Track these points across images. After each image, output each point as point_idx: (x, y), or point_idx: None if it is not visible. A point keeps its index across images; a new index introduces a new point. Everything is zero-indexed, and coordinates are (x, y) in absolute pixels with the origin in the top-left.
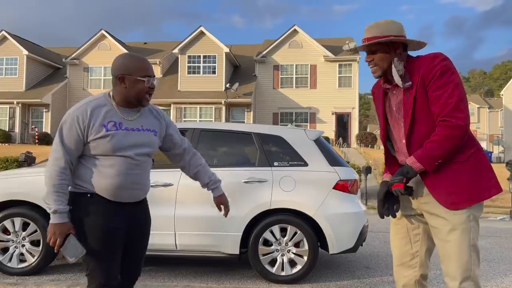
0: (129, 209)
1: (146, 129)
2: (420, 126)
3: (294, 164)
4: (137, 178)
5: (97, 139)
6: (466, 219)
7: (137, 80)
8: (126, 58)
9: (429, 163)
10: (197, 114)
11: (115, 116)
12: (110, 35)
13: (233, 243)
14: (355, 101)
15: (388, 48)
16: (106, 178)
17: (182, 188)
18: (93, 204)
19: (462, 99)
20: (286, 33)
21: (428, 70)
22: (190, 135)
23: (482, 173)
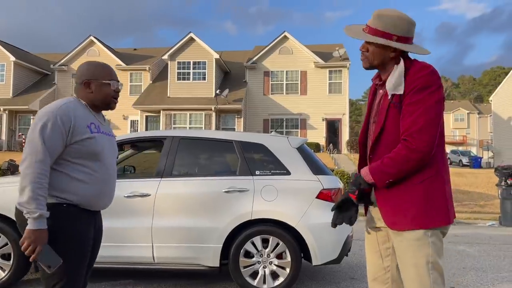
0: (96, 218)
1: (112, 135)
2: (388, 136)
3: (277, 172)
4: (112, 185)
5: (81, 141)
6: (423, 235)
7: (103, 84)
8: (90, 64)
9: (380, 179)
10: (187, 120)
11: (93, 119)
12: (99, 41)
13: (213, 255)
14: (345, 107)
15: (385, 47)
16: (85, 186)
17: (160, 198)
18: (70, 214)
19: (433, 122)
20: (276, 40)
21: (410, 81)
22: (169, 144)
23: (431, 200)
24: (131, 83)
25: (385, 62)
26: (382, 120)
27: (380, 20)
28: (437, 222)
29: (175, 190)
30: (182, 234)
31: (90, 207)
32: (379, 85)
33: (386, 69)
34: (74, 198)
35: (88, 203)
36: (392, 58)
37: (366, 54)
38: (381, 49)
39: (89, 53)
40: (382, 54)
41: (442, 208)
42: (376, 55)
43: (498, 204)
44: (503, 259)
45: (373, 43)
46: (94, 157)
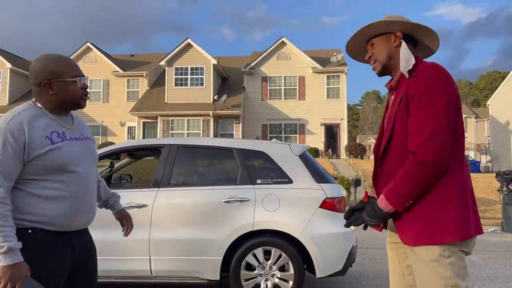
0: (75, 239)
1: (86, 138)
2: (395, 146)
3: (278, 181)
4: (91, 198)
5: (42, 155)
6: (439, 256)
7: (67, 83)
8: (48, 60)
9: (398, 203)
10: (184, 126)
11: (56, 126)
12: (96, 47)
13: (213, 268)
14: (343, 112)
15: (386, 38)
16: (55, 204)
17: (157, 209)
18: (35, 242)
19: (441, 129)
20: (274, 45)
21: (414, 82)
22: (167, 152)
23: (439, 211)
24: (128, 89)
25: (392, 54)
26: (391, 126)
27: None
28: (450, 237)
29: (173, 200)
30: (180, 246)
31: (64, 227)
32: (390, 91)
33: (396, 66)
34: (42, 219)
35: (60, 223)
36: (397, 47)
37: (373, 58)
38: (383, 42)
39: (85, 59)
40: (386, 46)
41: (456, 220)
42: (381, 50)
43: (499, 209)
44: (509, 268)
45: (374, 44)
46: (62, 169)
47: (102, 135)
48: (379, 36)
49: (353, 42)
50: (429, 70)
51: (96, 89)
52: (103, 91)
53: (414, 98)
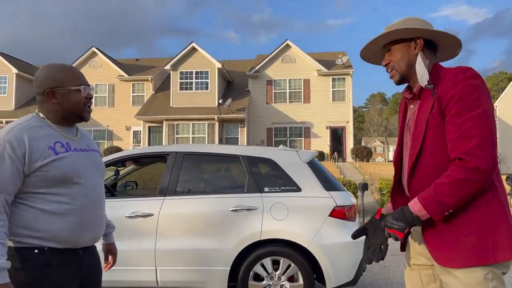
0: (83, 256)
1: (92, 149)
2: (427, 158)
3: (286, 189)
4: (98, 212)
5: (45, 165)
6: (483, 280)
7: (71, 91)
8: (52, 68)
9: (437, 211)
10: (189, 130)
11: (59, 136)
12: (101, 52)
13: (221, 278)
14: (349, 115)
15: (406, 45)
16: (61, 218)
17: (163, 219)
18: (42, 263)
19: (489, 133)
20: (278, 48)
21: (448, 88)
22: (173, 160)
23: (490, 228)
24: (134, 94)
25: (412, 63)
26: (421, 138)
27: (395, 25)
28: (500, 255)
29: (179, 209)
30: (187, 256)
31: (71, 244)
32: (410, 99)
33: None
34: (48, 236)
35: (67, 239)
36: (417, 54)
37: (391, 65)
38: (403, 49)
39: (91, 64)
40: (406, 54)
41: (505, 238)
42: (399, 59)
43: None
44: None
45: (392, 50)
46: (67, 181)
47: (107, 139)
48: (398, 42)
49: (369, 48)
50: (465, 73)
51: (101, 93)
52: (109, 95)
53: (452, 101)
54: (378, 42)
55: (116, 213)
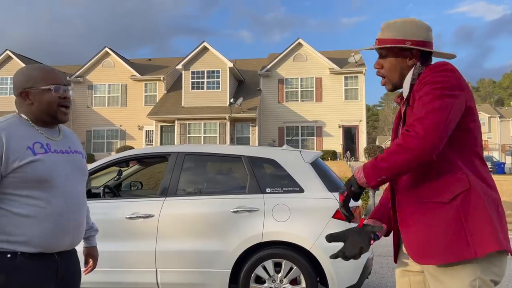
0: (60, 262)
1: (74, 151)
2: None
3: (289, 190)
4: (77, 216)
5: (22, 166)
6: (469, 285)
7: (43, 91)
8: (26, 70)
9: (371, 174)
10: (201, 129)
11: (39, 136)
12: (114, 52)
13: (222, 280)
14: (362, 114)
15: (401, 57)
16: (36, 222)
17: (164, 220)
18: (14, 268)
19: (436, 111)
20: (290, 47)
21: (421, 78)
22: (174, 160)
23: (468, 222)
24: (146, 93)
25: (404, 73)
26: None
27: (389, 29)
28: (479, 250)
29: (180, 210)
30: (187, 258)
31: (46, 249)
32: (400, 102)
33: None
34: (22, 239)
35: (43, 245)
36: (411, 65)
37: (382, 72)
38: (397, 61)
39: (104, 64)
40: (399, 65)
41: (487, 230)
42: (393, 69)
43: None
44: None
45: (387, 57)
46: (43, 184)
47: (120, 139)
48: (393, 52)
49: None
50: (439, 67)
51: (114, 93)
52: (121, 95)
53: (421, 88)
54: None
55: (116, 214)
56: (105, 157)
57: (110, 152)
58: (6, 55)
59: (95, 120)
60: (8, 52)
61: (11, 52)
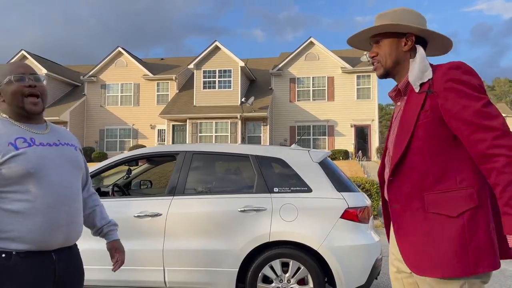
0: (58, 260)
1: (64, 143)
2: (413, 158)
3: (297, 190)
4: (69, 209)
5: (5, 162)
6: None
7: (7, 84)
8: None
9: None
10: (212, 129)
11: (22, 132)
12: (127, 51)
13: (229, 280)
14: (374, 113)
15: (396, 40)
16: (26, 218)
17: (171, 219)
18: (9, 268)
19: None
20: (302, 46)
21: (442, 84)
22: (182, 159)
23: (472, 241)
24: (158, 93)
25: (400, 59)
26: (408, 137)
27: (382, 18)
28: (481, 268)
29: (188, 209)
30: (195, 257)
31: (40, 246)
32: (395, 97)
33: (403, 71)
34: (13, 236)
35: (35, 241)
36: (407, 51)
37: (377, 59)
38: (392, 44)
39: (117, 64)
40: (394, 50)
41: (487, 250)
42: (387, 53)
43: None
44: None
45: (381, 43)
46: (29, 177)
47: (133, 137)
48: (387, 36)
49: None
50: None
51: (127, 92)
52: (134, 94)
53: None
54: (367, 33)
55: (125, 212)
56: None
57: (123, 150)
58: (21, 55)
59: (108, 119)
60: (24, 52)
61: (26, 52)
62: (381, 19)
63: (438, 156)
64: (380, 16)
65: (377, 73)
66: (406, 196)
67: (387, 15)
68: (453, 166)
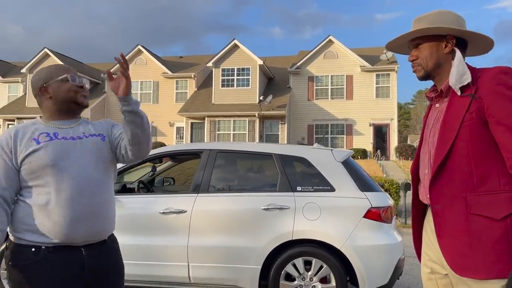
0: (87, 257)
1: (90, 135)
2: (456, 159)
3: (320, 189)
4: (92, 202)
5: (27, 156)
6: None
7: (60, 82)
8: (40, 70)
9: None
10: (231, 127)
11: (47, 129)
12: (146, 50)
13: (252, 277)
14: (393, 112)
15: (436, 43)
16: (51, 210)
17: (196, 215)
18: (39, 261)
19: None
20: (321, 44)
21: (489, 88)
22: (206, 157)
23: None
24: (177, 91)
25: (441, 62)
26: (452, 138)
27: (421, 21)
28: None
29: (212, 206)
30: (219, 254)
31: (66, 239)
32: (435, 98)
33: (444, 73)
34: (41, 231)
35: (60, 234)
36: (448, 53)
37: (417, 62)
38: (432, 47)
39: (136, 62)
40: (435, 52)
41: None
42: (428, 57)
43: None
44: None
45: (421, 47)
46: (50, 170)
47: (152, 135)
48: (427, 39)
49: (395, 42)
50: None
51: (146, 90)
52: (153, 92)
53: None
54: (407, 37)
55: (150, 208)
56: None
57: None
58: (44, 52)
59: None
60: (46, 50)
61: (49, 50)
62: (419, 22)
63: (482, 158)
64: (418, 19)
65: (417, 75)
66: (449, 197)
67: (426, 18)
68: (496, 169)
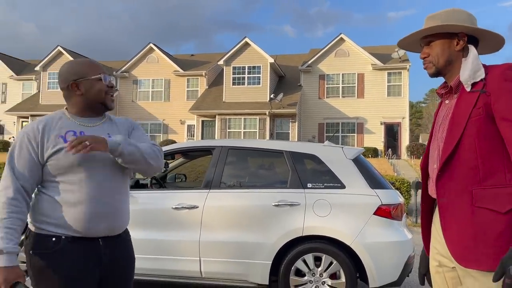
0: (104, 247)
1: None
2: (463, 155)
3: (330, 186)
4: (112, 201)
5: (55, 153)
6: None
7: (93, 81)
8: (73, 63)
9: None
10: (241, 125)
11: (74, 126)
12: (158, 48)
13: (262, 272)
14: (405, 111)
15: (448, 41)
16: (74, 205)
17: (207, 211)
18: (58, 250)
19: None
20: (332, 42)
21: (497, 84)
22: (218, 153)
23: None
24: (188, 89)
25: (452, 59)
26: (459, 133)
27: (433, 19)
28: None
29: (223, 202)
30: (230, 249)
31: (83, 232)
32: (445, 94)
33: (454, 69)
34: (62, 224)
35: (80, 230)
36: (459, 51)
37: (428, 59)
38: (444, 44)
39: (148, 59)
40: (447, 49)
41: None
42: (439, 54)
43: None
44: None
45: (433, 44)
46: (75, 169)
47: (163, 133)
48: (439, 37)
49: (407, 40)
50: None
51: (157, 88)
52: (164, 90)
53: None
54: (419, 35)
55: (163, 204)
56: None
57: None
58: (57, 50)
59: (139, 114)
60: (60, 48)
61: (62, 48)
62: (432, 20)
63: (488, 153)
64: (431, 17)
65: (428, 72)
66: (455, 190)
67: (438, 16)
68: (503, 164)
